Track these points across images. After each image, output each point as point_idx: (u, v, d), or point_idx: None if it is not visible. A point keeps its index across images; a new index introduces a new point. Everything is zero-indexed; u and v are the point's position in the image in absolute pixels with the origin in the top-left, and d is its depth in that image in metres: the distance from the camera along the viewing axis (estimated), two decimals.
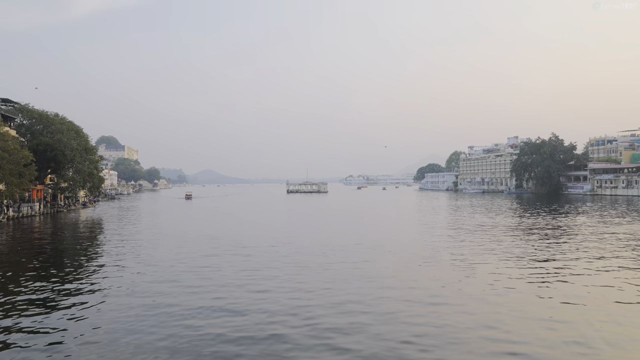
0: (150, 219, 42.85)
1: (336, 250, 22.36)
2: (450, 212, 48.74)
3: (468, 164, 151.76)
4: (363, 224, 37.03)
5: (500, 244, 24.03)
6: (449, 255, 20.48)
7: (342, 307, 12.34)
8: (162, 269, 17.88)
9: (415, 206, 63.65)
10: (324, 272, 17.20)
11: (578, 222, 35.77)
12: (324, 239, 27.10)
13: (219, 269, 17.84)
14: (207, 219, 43.15)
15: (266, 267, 18.05)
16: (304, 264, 18.82)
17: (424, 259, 19.76)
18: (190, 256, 20.85)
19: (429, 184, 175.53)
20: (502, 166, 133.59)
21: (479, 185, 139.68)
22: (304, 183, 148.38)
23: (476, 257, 20.15)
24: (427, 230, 30.96)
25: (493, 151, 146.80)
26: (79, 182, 55.35)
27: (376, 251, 21.93)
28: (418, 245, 23.70)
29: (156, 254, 21.69)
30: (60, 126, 52.79)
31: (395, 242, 25.02)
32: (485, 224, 34.43)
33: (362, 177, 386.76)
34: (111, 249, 23.25)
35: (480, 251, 21.65)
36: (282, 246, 23.82)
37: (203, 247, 23.73)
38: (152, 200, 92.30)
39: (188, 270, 17.53)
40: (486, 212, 48.10)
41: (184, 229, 33.79)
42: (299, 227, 35.35)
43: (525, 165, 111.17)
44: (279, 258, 20.19)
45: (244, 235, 28.77)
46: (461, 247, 23.06)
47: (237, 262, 19.32)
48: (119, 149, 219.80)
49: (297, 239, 27.14)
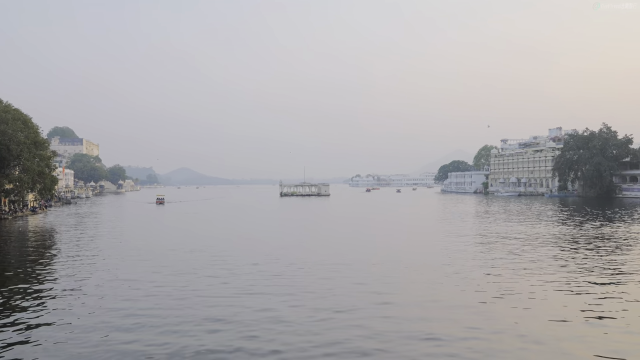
0: (113, 229, 42.65)
1: (340, 266, 22.18)
2: (479, 220, 48.52)
3: (501, 161, 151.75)
4: (372, 234, 36.82)
5: (544, 260, 23.82)
6: (480, 274, 20.27)
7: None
8: (122, 292, 17.66)
9: (437, 212, 63.44)
10: (323, 298, 16.91)
11: (636, 231, 35.53)
12: (324, 253, 26.90)
13: (188, 294, 17.59)
14: (182, 229, 42.95)
15: (246, 292, 17.70)
16: (297, 286, 18.56)
17: (454, 280, 19.53)
18: (159, 276, 20.63)
19: (453, 186, 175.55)
20: (542, 164, 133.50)
21: (514, 186, 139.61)
22: (300, 184, 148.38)
23: (516, 276, 19.94)
24: (452, 242, 30.73)
25: (531, 145, 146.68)
26: (27, 184, 55.22)
27: (391, 268, 21.75)
28: (441, 261, 23.51)
29: (120, 272, 21.49)
30: (4, 115, 52.63)
31: (413, 256, 24.86)
32: (523, 234, 34.23)
33: (371, 177, 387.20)
34: (63, 269, 23.03)
35: (520, 269, 21.45)
36: (269, 264, 23.60)
37: (173, 263, 23.54)
38: (116, 205, 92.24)
39: (153, 294, 17.29)
40: (523, 219, 47.88)
41: (153, 241, 33.57)
42: (292, 238, 35.15)
43: (571, 162, 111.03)
44: (265, 280, 19.94)
45: (224, 249, 28.60)
46: (494, 262, 22.93)
47: (213, 286, 19.03)
48: (76, 142, 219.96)
49: (289, 253, 26.94)
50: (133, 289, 18.03)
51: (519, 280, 18.96)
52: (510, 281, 18.84)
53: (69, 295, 17.13)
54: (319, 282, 18.89)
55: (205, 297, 16.64)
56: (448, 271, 20.89)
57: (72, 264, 23.70)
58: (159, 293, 17.27)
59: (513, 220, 47.54)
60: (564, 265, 22.26)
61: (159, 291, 17.55)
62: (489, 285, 18.11)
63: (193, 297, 16.57)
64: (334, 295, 16.72)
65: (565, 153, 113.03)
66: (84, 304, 15.96)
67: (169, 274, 20.82)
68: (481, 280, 19.01)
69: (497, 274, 20.33)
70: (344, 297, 16.54)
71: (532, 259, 23.80)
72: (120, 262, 24.18)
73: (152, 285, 18.49)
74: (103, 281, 19.46)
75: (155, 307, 15.42)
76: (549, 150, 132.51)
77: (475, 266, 22.05)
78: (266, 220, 53.95)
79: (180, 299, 16.41)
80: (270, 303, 15.75)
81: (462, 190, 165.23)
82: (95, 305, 15.75)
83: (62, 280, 19.76)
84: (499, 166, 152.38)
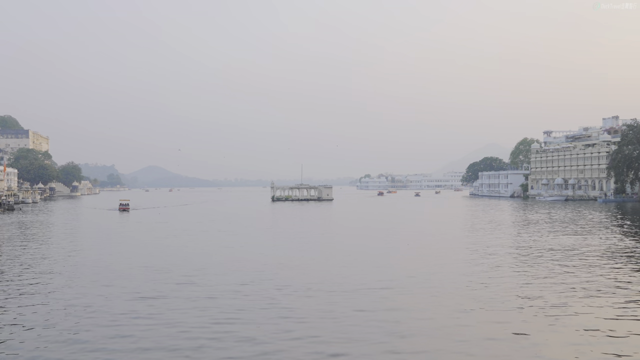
0: (64, 241, 42.49)
1: (346, 288, 22.04)
2: (518, 231, 48.34)
3: (543, 157, 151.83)
4: (387, 247, 36.71)
5: (599, 281, 23.68)
6: (518, 298, 20.09)
7: None
8: (76, 320, 17.53)
9: (464, 222, 63.27)
10: (330, 330, 16.74)
11: None
12: (325, 272, 26.82)
13: (157, 321, 17.44)
14: (151, 242, 42.79)
15: (228, 320, 17.53)
16: (295, 316, 18.38)
17: (486, 305, 19.36)
18: (120, 300, 20.51)
19: (485, 188, 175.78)
20: (594, 161, 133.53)
21: (560, 189, 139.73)
22: (297, 186, 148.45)
23: (567, 301, 19.75)
24: (484, 261, 30.59)
25: (581, 139, 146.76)
26: None
27: (411, 290, 21.55)
28: (473, 281, 23.36)
29: (68, 295, 21.34)
30: None
31: (439, 277, 24.72)
32: (570, 247, 34.08)
33: (384, 178, 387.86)
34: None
35: (569, 293, 21.28)
36: (258, 283, 23.48)
37: (139, 284, 23.46)
38: (69, 212, 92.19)
39: (113, 324, 17.12)
40: (573, 230, 47.70)
41: (115, 257, 33.48)
42: (286, 252, 35.04)
43: (630, 159, 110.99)
44: (256, 306, 19.76)
45: (201, 265, 28.51)
46: (535, 283, 22.77)
47: (187, 313, 18.87)
48: (21, 134, 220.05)
49: (282, 272, 26.88)
50: (87, 317, 17.88)
51: (570, 307, 18.81)
52: (559, 307, 18.70)
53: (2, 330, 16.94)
54: (309, 306, 18.75)
55: (177, 325, 16.50)
56: (479, 295, 20.73)
57: (6, 288, 23.53)
58: (121, 322, 17.11)
59: (559, 230, 47.34)
60: (624, 287, 22.12)
61: (120, 319, 17.40)
62: (530, 312, 17.97)
63: (161, 328, 16.42)
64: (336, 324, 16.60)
65: (624, 148, 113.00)
66: (23, 343, 15.75)
67: (130, 299, 20.66)
68: (521, 305, 18.87)
69: (538, 296, 20.21)
70: (347, 326, 16.39)
71: (586, 280, 23.70)
72: (69, 285, 24.05)
73: (114, 313, 18.32)
74: (49, 310, 19.29)
75: (116, 336, 15.27)
76: (603, 145, 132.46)
77: (513, 289, 21.92)
78: (253, 230, 53.76)
79: (146, 329, 16.25)
80: (257, 332, 15.63)
81: (495, 194, 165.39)
82: (39, 337, 15.57)
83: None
84: (542, 164, 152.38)
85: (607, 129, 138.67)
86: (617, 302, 19.46)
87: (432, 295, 21.19)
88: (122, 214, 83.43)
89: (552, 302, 19.59)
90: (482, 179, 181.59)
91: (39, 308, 19.36)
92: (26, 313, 18.64)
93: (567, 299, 20.15)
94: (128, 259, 32.25)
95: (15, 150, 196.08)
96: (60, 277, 25.84)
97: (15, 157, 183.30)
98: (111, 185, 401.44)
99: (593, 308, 18.69)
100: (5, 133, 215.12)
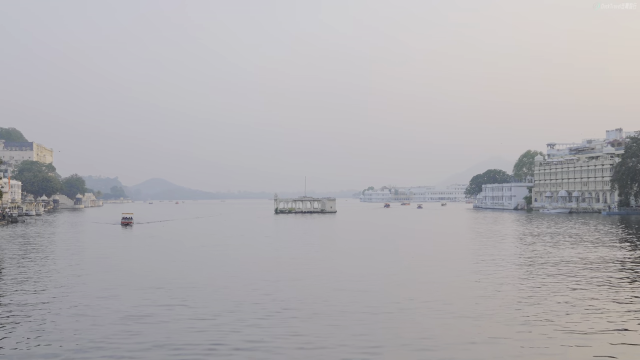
0: (67, 259, 42.31)
1: (353, 308, 21.70)
2: (522, 244, 47.99)
3: (547, 170, 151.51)
4: (394, 261, 36.47)
5: (605, 297, 23.36)
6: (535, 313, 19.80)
7: None
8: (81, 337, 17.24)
9: (467, 235, 62.88)
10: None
11: None
12: (331, 289, 26.55)
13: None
14: (156, 258, 42.59)
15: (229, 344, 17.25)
16: (297, 343, 18.02)
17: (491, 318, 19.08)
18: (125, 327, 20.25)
19: (489, 200, 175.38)
20: (598, 173, 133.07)
21: (564, 201, 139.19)
22: (300, 198, 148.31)
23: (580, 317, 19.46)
24: (489, 272, 30.32)
25: (585, 151, 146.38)
26: None
27: (423, 307, 21.24)
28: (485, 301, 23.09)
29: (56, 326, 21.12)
30: None
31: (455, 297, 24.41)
32: (575, 260, 33.77)
33: (387, 191, 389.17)
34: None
35: (580, 308, 20.97)
36: (256, 304, 23.17)
37: (133, 301, 23.26)
38: (71, 225, 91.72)
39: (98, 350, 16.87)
40: (577, 243, 47.32)
41: (114, 275, 33.34)
42: (292, 273, 34.81)
43: (634, 172, 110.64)
44: (263, 330, 19.44)
45: (199, 283, 28.21)
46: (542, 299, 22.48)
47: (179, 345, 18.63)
48: (25, 147, 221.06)
49: (285, 290, 26.64)
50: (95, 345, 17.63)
51: (578, 323, 18.54)
52: (569, 325, 18.42)
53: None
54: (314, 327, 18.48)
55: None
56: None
57: (7, 306, 23.34)
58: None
59: (562, 244, 46.95)
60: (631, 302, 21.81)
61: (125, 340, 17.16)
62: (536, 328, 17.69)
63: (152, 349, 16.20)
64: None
65: (627, 160, 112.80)
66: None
67: (133, 322, 20.48)
68: (526, 319, 18.60)
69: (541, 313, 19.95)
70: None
71: (594, 297, 23.48)
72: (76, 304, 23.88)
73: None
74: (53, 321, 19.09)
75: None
76: (606, 157, 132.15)
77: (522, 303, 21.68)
78: (257, 242, 53.47)
79: (145, 349, 16.04)
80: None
81: (499, 206, 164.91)
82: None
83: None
84: (545, 177, 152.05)
85: (610, 141, 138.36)
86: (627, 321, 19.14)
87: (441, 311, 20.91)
88: (125, 229, 78.08)
89: (563, 318, 19.27)
90: (485, 191, 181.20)
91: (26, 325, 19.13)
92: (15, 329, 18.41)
93: (593, 322, 19.82)
94: (127, 277, 31.96)
95: (19, 163, 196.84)
96: (62, 292, 25.62)
97: (20, 169, 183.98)
98: (115, 197, 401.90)
99: (599, 323, 18.35)
100: (9, 145, 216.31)
